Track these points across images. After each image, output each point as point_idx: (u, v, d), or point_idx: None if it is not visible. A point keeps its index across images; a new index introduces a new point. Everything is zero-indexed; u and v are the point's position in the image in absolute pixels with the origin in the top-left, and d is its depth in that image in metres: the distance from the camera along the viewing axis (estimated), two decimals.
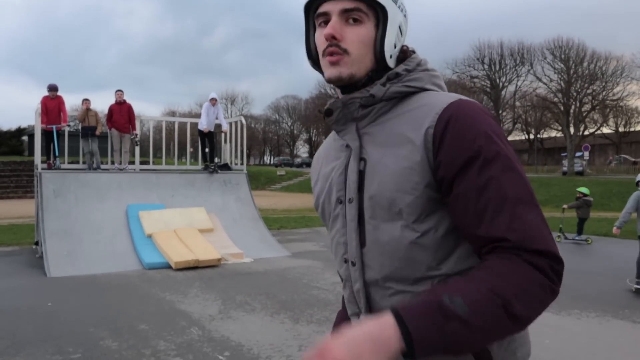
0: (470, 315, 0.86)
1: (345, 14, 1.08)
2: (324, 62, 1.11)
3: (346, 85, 1.12)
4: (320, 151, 1.34)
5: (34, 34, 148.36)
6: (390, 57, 1.12)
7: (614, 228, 8.19)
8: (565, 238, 13.35)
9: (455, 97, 1.07)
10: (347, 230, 1.13)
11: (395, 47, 1.13)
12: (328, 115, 1.16)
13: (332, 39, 1.08)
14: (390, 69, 1.13)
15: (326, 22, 1.10)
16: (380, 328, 0.86)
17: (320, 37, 1.11)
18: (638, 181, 8.04)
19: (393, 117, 1.10)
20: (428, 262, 1.03)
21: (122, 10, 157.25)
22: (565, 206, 13.81)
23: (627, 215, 7.93)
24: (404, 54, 1.17)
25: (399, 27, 1.13)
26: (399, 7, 1.13)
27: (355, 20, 1.09)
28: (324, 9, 1.10)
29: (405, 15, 1.16)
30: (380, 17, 1.10)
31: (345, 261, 1.16)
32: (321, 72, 1.17)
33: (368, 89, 1.11)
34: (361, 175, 1.10)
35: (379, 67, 1.12)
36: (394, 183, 1.04)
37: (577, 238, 13.20)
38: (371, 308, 1.12)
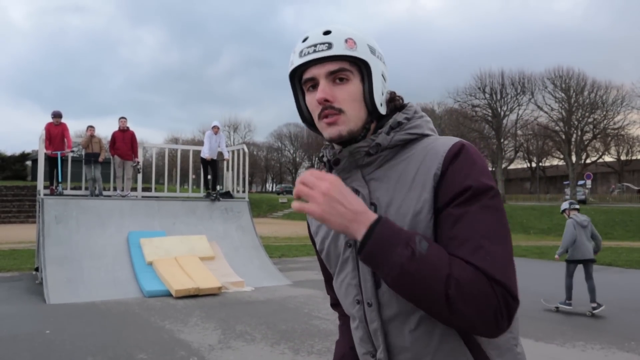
0: (422, 257, 0.98)
1: (332, 75, 1.15)
2: (321, 124, 1.18)
3: (346, 141, 1.19)
4: None
5: (41, 60, 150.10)
6: (381, 105, 1.20)
7: (556, 256, 8.43)
8: None
9: (456, 139, 1.15)
10: (361, 273, 1.18)
11: (382, 94, 1.21)
12: (335, 164, 1.22)
13: (325, 102, 1.15)
14: (381, 115, 1.21)
15: (314, 86, 1.17)
16: (363, 213, 1.03)
17: (312, 102, 1.18)
18: (564, 210, 8.48)
19: (399, 162, 1.18)
20: None
21: (128, 38, 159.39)
22: None
23: (569, 243, 8.14)
24: (393, 100, 1.26)
25: (382, 75, 1.20)
26: (377, 57, 1.20)
27: (342, 79, 1.16)
28: (310, 74, 1.17)
29: (384, 62, 1.23)
30: (364, 71, 1.17)
31: (358, 302, 1.20)
32: (317, 131, 1.24)
33: (373, 138, 1.18)
34: None
35: (373, 117, 1.21)
36: (408, 224, 1.10)
37: None
38: (388, 345, 1.16)
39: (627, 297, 9.33)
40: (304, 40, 1.17)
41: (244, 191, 13.04)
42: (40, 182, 10.86)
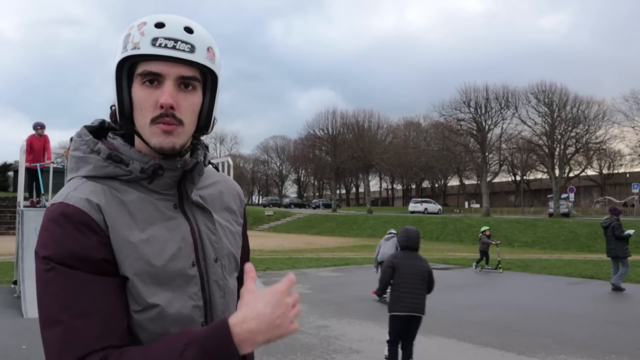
0: None
1: (181, 80, 1.02)
2: (152, 129, 1.02)
3: (174, 154, 1.08)
4: (119, 208, 1.03)
5: (30, 71, 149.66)
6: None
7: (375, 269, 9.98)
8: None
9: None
10: (211, 290, 1.11)
11: None
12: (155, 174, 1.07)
13: (170, 109, 1.01)
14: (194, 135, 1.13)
15: (152, 82, 1.02)
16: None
17: (148, 100, 1.02)
18: (391, 234, 9.96)
19: (206, 186, 1.20)
20: None
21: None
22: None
23: (376, 255, 9.91)
24: None
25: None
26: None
27: (187, 86, 1.04)
28: (156, 69, 1.00)
29: None
30: (209, 83, 1.08)
31: (203, 325, 1.08)
32: (132, 130, 1.07)
33: (201, 156, 1.14)
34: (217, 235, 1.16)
35: (197, 135, 1.13)
36: (234, 243, 1.21)
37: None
38: None
39: (609, 310, 9.40)
40: (159, 26, 1.01)
41: None
42: (21, 193, 10.72)
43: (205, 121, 1.10)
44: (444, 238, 35.04)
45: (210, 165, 1.23)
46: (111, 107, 1.09)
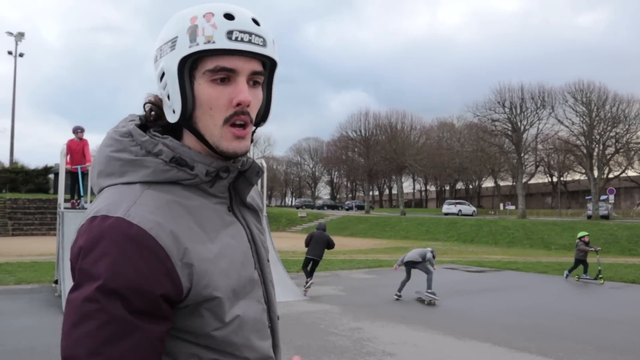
0: None
1: (252, 76, 0.96)
2: (225, 131, 0.95)
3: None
4: (188, 222, 0.92)
5: (70, 77, 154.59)
6: None
7: (395, 266, 11.00)
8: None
9: None
10: (268, 290, 1.09)
11: None
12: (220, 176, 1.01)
13: (246, 107, 0.95)
14: None
15: (223, 80, 0.93)
16: None
17: (221, 98, 0.94)
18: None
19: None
20: None
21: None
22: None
23: (404, 257, 10.58)
24: None
25: None
26: None
27: (255, 83, 0.98)
28: (231, 64, 0.92)
29: None
30: (266, 75, 1.02)
31: (269, 326, 1.08)
32: (190, 129, 0.97)
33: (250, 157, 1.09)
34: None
35: None
36: (264, 240, 1.15)
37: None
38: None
39: None
40: (229, 17, 0.92)
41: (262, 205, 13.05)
42: (61, 195, 11.03)
43: (262, 115, 1.04)
44: (478, 240, 34.50)
45: None
46: (144, 105, 1.04)
